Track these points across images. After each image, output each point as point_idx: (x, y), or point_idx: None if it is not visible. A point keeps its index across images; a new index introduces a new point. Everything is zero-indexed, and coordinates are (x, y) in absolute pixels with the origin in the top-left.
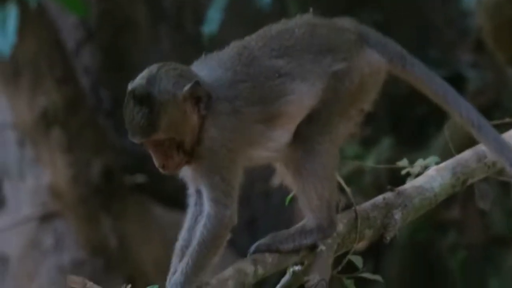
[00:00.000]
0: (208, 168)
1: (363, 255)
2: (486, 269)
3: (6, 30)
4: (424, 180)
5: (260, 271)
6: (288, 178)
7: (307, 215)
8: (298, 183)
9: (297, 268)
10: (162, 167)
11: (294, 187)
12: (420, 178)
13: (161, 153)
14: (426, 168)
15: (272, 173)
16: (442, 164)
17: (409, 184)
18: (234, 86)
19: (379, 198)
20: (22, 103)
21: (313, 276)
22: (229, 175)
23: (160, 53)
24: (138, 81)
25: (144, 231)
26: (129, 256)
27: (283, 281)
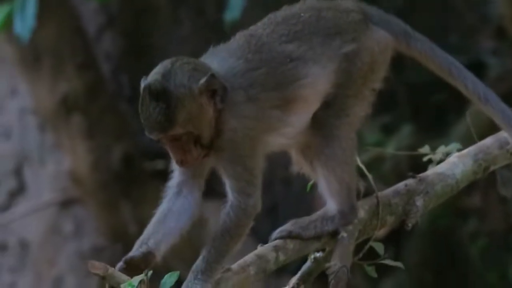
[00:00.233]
0: (231, 159)
1: (383, 242)
2: (507, 256)
3: (25, 14)
4: (446, 166)
5: (282, 257)
6: (306, 165)
7: (328, 201)
8: (317, 168)
9: (318, 254)
10: (180, 162)
11: (313, 173)
12: (442, 164)
13: (179, 148)
14: (448, 155)
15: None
16: (464, 151)
17: (431, 171)
18: (248, 74)
19: (401, 184)
20: (43, 89)
21: (334, 263)
22: (252, 163)
23: (181, 38)
24: (153, 76)
25: None
26: None
27: (304, 267)
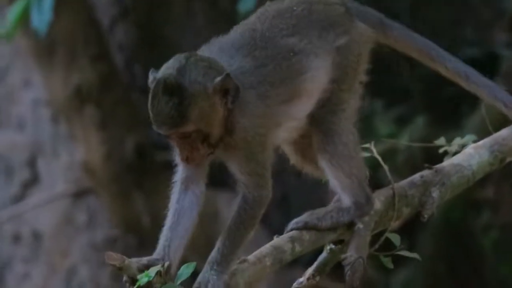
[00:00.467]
0: (244, 157)
1: (397, 233)
2: None
3: (42, 7)
4: (462, 158)
5: (298, 248)
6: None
7: (341, 196)
8: (324, 167)
9: (334, 246)
10: (186, 159)
11: (318, 172)
12: (458, 156)
13: (186, 145)
14: (463, 147)
15: None
16: (480, 142)
17: (447, 162)
18: (257, 72)
19: (417, 176)
20: (57, 80)
21: (350, 254)
22: (263, 158)
23: (194, 29)
24: (167, 71)
25: None
26: None
27: (320, 258)
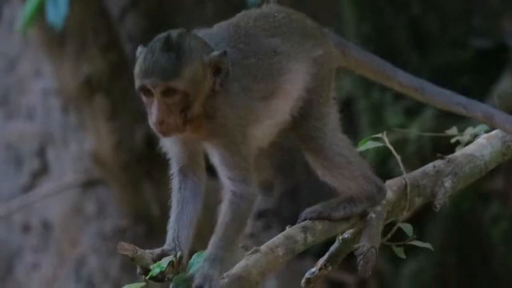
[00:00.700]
0: (227, 147)
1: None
2: None
3: (58, 1)
4: (474, 148)
5: (310, 238)
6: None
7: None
8: (328, 181)
9: (346, 235)
10: (160, 123)
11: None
12: (471, 146)
13: (165, 108)
14: (475, 137)
15: None
16: (492, 132)
17: (459, 152)
18: (241, 64)
19: (429, 165)
20: (67, 70)
21: (363, 244)
22: (246, 150)
23: (204, 19)
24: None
25: None
26: None
27: (332, 248)
